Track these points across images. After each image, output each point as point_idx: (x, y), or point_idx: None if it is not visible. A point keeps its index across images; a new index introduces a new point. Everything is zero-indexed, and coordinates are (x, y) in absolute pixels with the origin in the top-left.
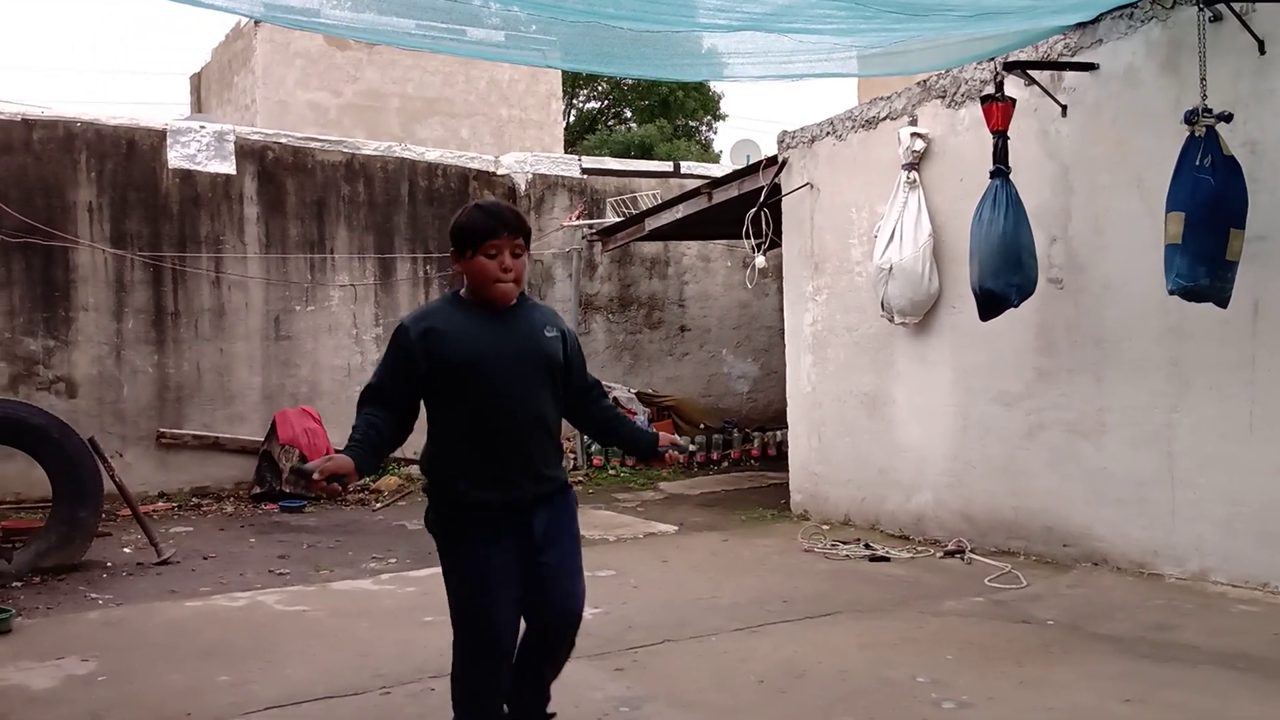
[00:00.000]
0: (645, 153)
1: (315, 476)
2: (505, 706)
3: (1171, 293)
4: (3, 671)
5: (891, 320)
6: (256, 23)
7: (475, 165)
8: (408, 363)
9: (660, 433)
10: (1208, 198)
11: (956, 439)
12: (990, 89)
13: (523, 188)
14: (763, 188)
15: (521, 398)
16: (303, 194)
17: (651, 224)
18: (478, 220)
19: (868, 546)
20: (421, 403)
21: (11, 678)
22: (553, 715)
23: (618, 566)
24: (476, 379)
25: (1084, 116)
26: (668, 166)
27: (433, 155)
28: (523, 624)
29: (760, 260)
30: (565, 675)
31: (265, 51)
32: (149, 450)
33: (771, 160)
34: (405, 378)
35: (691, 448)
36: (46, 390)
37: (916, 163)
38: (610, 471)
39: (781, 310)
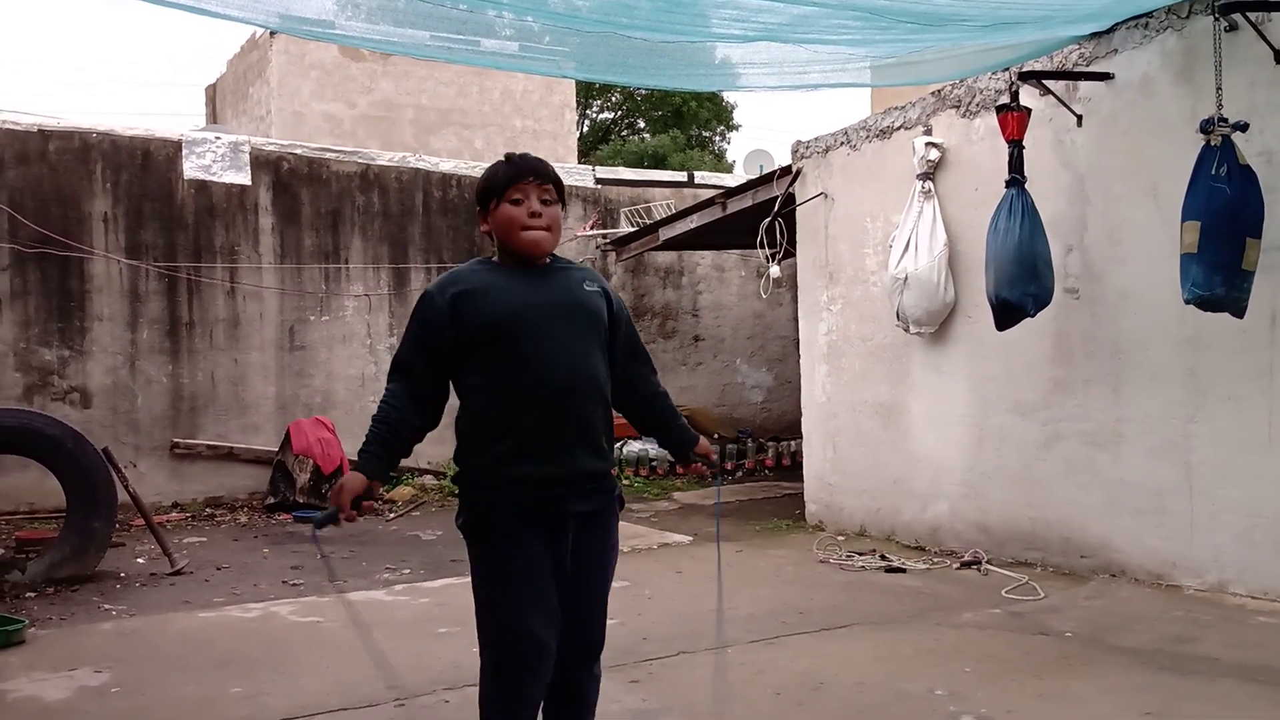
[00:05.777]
0: (659, 163)
1: (342, 520)
2: None
3: (1187, 302)
4: (16, 682)
5: (907, 330)
6: (272, 34)
7: None
8: (435, 331)
9: (701, 438)
10: (1223, 207)
11: (972, 449)
12: (1005, 99)
13: None
14: (777, 197)
15: (570, 350)
16: (317, 204)
17: (665, 234)
18: (500, 168)
19: (883, 558)
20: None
21: (25, 689)
22: None
23: (632, 577)
24: (518, 333)
25: (1099, 126)
26: (681, 176)
27: (447, 166)
28: None
29: (774, 270)
30: None
31: (280, 63)
32: (163, 460)
33: (785, 170)
34: (432, 348)
35: (714, 456)
36: (61, 400)
37: (931, 172)
38: (624, 480)
39: (796, 320)
